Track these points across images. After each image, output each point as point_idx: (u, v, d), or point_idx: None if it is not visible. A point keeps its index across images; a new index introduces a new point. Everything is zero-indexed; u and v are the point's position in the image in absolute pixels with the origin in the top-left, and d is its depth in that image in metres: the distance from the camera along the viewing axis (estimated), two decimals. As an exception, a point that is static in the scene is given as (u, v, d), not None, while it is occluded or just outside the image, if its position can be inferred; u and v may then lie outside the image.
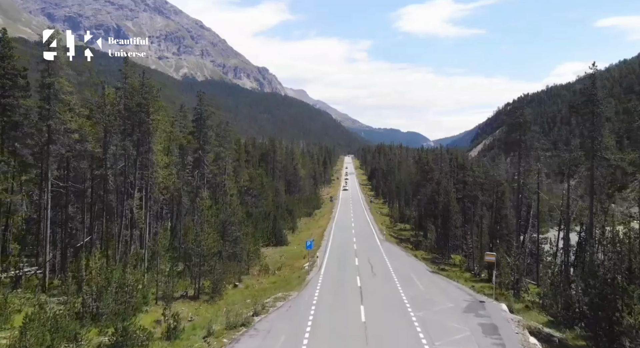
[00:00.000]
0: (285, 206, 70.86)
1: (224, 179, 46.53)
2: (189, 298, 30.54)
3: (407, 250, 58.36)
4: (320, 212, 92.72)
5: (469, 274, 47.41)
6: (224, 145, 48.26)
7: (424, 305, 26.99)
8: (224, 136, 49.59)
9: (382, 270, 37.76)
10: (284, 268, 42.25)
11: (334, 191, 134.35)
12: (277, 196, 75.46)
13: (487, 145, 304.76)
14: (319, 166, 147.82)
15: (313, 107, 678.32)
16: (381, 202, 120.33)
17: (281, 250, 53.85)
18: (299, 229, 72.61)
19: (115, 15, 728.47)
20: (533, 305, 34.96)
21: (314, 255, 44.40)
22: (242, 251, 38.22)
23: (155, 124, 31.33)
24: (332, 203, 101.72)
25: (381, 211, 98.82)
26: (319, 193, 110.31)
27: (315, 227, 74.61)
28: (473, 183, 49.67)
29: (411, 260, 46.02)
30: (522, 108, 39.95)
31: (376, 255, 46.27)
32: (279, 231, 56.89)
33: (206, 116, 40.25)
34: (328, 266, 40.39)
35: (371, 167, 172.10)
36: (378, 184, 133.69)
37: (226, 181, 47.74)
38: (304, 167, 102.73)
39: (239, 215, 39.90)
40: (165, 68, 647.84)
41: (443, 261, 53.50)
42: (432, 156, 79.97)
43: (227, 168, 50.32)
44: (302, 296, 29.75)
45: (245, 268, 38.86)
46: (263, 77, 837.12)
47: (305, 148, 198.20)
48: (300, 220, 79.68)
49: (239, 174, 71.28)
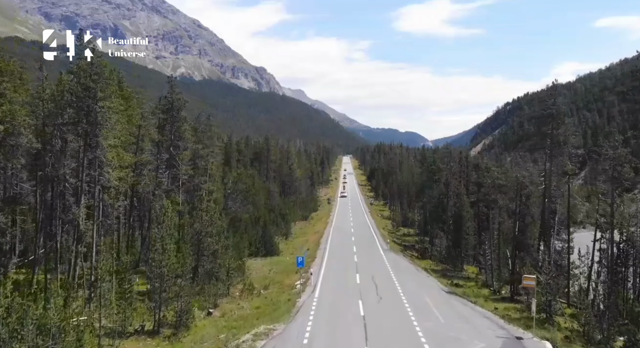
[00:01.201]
0: (279, 210, 64.27)
1: (202, 181, 39.95)
2: (147, 333, 23.99)
3: (413, 259, 51.91)
4: (317, 215, 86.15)
5: (487, 290, 40.94)
6: (203, 141, 41.63)
7: (449, 347, 20.61)
8: (204, 131, 43.00)
9: (390, 292, 31.21)
10: (272, 287, 35.72)
11: (332, 192, 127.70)
12: (270, 198, 68.92)
13: (486, 145, 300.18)
14: (316, 165, 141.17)
15: (311, 107, 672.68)
16: (382, 204, 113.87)
17: (271, 261, 47.30)
18: (294, 235, 66.07)
19: (112, 14, 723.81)
20: (573, 335, 28.68)
21: (307, 269, 37.84)
22: (220, 269, 31.67)
23: (106, 113, 24.80)
24: (330, 205, 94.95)
25: (382, 214, 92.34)
26: (316, 194, 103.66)
27: (311, 232, 68.05)
28: (491, 184, 43.11)
29: (421, 276, 39.43)
30: (554, 95, 33.35)
31: (380, 269, 39.72)
32: (269, 240, 50.33)
33: (179, 106, 33.64)
34: (324, 285, 33.88)
35: (370, 167, 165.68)
36: (378, 184, 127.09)
37: (206, 184, 41.13)
38: (300, 167, 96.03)
39: (218, 224, 33.35)
40: (163, 68, 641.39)
41: (456, 274, 47.01)
42: (439, 154, 73.41)
43: (208, 169, 43.74)
44: (289, 331, 23.24)
45: (225, 289, 32.31)
46: (261, 77, 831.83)
47: (302, 147, 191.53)
48: (295, 224, 73.15)
49: (227, 176, 64.72)
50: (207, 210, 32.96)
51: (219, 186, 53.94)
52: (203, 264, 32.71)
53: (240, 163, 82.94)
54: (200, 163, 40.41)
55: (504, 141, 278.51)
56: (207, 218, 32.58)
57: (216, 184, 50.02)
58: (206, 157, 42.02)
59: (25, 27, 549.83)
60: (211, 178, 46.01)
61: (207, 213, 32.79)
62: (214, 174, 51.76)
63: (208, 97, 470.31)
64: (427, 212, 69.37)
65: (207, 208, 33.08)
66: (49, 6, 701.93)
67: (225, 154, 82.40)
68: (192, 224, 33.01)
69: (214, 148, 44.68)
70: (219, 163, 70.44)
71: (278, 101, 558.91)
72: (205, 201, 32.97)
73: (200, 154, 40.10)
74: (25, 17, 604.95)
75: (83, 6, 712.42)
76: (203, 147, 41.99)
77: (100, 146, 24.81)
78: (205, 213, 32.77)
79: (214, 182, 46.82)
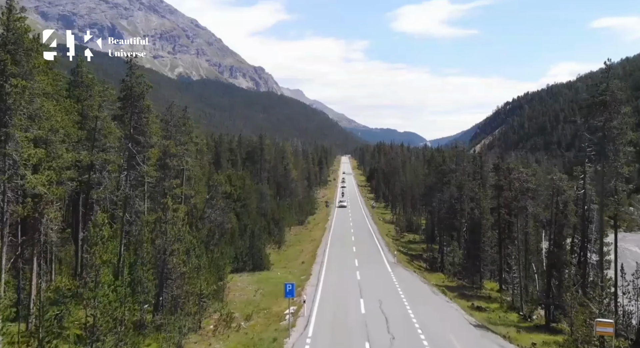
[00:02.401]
0: (272, 215, 57.39)
1: (174, 185, 32.97)
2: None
3: (424, 273, 45.14)
4: (314, 219, 79.12)
5: (515, 315, 34.25)
6: (175, 137, 34.65)
7: None
8: (178, 125, 35.97)
9: (404, 328, 24.30)
10: (257, 316, 28.87)
11: (330, 193, 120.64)
12: (263, 201, 62.11)
13: (486, 144, 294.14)
14: (314, 166, 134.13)
15: (309, 107, 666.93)
16: (382, 206, 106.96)
17: (259, 277, 40.46)
18: (288, 243, 59.21)
19: (109, 14, 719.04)
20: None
21: (300, 293, 30.97)
22: (188, 297, 24.84)
23: (19, 94, 18.01)
24: (327, 208, 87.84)
25: (384, 218, 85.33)
26: (313, 196, 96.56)
27: (306, 241, 61.12)
28: (519, 188, 36.31)
29: (439, 301, 32.47)
30: (607, 78, 26.53)
31: (389, 292, 32.82)
32: (258, 252, 43.47)
33: (140, 93, 26.77)
34: (320, 315, 27.04)
35: (370, 167, 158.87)
36: (378, 186, 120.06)
37: (179, 188, 34.21)
38: (296, 167, 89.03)
39: (187, 240, 26.56)
40: (160, 67, 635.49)
41: (474, 293, 40.30)
42: (448, 153, 66.51)
43: (184, 169, 36.85)
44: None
45: (195, 322, 25.48)
46: (259, 77, 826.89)
47: (300, 147, 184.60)
48: (290, 230, 66.32)
49: (212, 178, 57.91)
50: (174, 223, 26.17)
51: (202, 189, 47.14)
52: (168, 291, 25.98)
53: (231, 163, 76.18)
54: (172, 162, 33.45)
55: (504, 141, 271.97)
56: (173, 232, 25.81)
57: (196, 187, 43.14)
58: (181, 156, 35.08)
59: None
60: (189, 181, 39.14)
61: (173, 226, 26.00)
62: (196, 176, 44.92)
63: (206, 97, 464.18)
64: (435, 217, 62.63)
65: (174, 219, 26.29)
66: (46, 5, 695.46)
67: (215, 154, 75.63)
68: (154, 240, 26.23)
69: (190, 145, 37.64)
70: (206, 163, 63.63)
71: (276, 100, 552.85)
72: (172, 210, 26.10)
73: (172, 153, 33.10)
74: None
75: (80, 5, 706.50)
76: (178, 144, 35.08)
77: (12, 138, 18.00)
78: (172, 226, 25.98)
79: (192, 185, 39.94)
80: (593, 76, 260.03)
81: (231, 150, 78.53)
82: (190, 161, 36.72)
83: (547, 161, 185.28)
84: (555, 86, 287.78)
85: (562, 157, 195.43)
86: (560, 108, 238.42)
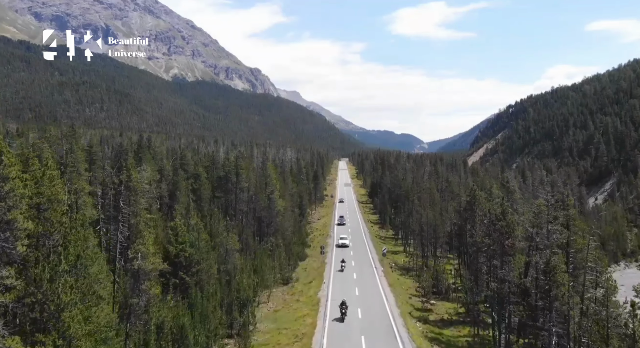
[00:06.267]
0: (237, 284, 38.12)
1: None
2: None
3: None
4: (305, 271, 56.30)
5: None
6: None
7: None
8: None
9: None
10: None
11: (327, 218, 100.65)
12: (228, 256, 43.13)
13: (489, 149, 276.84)
14: (308, 182, 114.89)
15: (306, 109, 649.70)
16: (390, 235, 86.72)
17: None
18: (256, 330, 37.75)
19: (103, 14, 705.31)
20: None
21: None
22: None
23: None
24: (323, 255, 63.86)
25: (396, 262, 63.20)
26: (305, 228, 76.52)
27: (290, 323, 39.82)
28: None
29: None
30: None
31: None
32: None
33: None
34: None
35: (372, 180, 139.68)
36: (383, 207, 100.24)
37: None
38: (283, 195, 69.47)
39: None
40: (155, 69, 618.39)
41: None
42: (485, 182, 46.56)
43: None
44: None
45: None
46: (255, 79, 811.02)
47: (294, 158, 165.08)
48: (270, 295, 46.09)
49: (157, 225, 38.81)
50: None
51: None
52: None
53: (195, 197, 56.96)
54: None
55: (508, 146, 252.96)
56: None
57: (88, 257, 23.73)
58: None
59: (14, 27, 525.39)
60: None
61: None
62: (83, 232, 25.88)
63: (201, 99, 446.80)
64: (483, 283, 43.27)
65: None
66: (39, 6, 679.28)
67: (172, 184, 56.56)
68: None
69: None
70: (149, 200, 44.84)
71: (272, 102, 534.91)
72: None
73: None
74: (14, 16, 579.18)
75: (74, 6, 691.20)
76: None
77: None
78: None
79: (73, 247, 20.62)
80: (600, 78, 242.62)
81: (196, 177, 59.24)
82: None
83: (558, 169, 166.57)
84: (561, 89, 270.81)
85: (574, 164, 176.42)
86: (569, 112, 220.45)
